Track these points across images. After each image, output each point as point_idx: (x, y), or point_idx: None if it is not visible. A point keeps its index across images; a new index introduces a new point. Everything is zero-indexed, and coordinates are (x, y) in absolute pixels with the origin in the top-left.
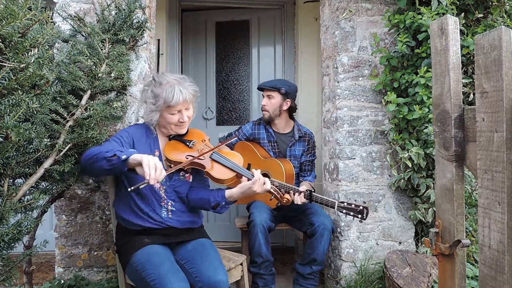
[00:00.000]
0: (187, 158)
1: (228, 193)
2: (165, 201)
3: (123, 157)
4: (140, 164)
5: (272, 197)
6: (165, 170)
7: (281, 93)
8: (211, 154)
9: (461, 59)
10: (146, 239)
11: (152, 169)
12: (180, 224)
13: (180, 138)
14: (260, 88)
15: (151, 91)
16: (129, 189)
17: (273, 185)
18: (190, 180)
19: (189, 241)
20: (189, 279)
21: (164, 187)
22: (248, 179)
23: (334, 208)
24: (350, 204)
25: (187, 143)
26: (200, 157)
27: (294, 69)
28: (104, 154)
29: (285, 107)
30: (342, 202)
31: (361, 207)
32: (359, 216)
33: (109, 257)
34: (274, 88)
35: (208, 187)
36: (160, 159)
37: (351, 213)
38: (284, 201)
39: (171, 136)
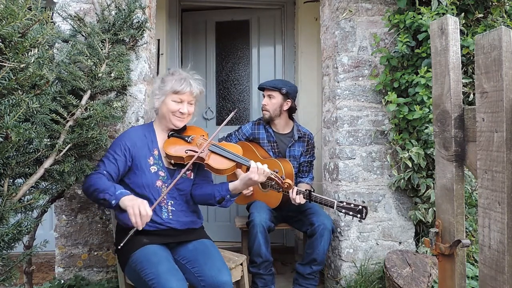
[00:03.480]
0: (186, 153)
1: (232, 185)
2: (165, 201)
3: (113, 202)
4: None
5: (273, 183)
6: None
7: (282, 93)
8: (210, 146)
9: (461, 59)
10: (145, 239)
11: (137, 216)
12: (180, 225)
13: (178, 134)
14: (261, 88)
15: (162, 79)
16: (119, 247)
17: (274, 171)
18: (192, 178)
19: (189, 241)
20: (191, 279)
21: (165, 184)
22: (248, 168)
23: (333, 208)
24: (349, 204)
25: (186, 138)
26: (200, 151)
27: (294, 69)
28: (98, 195)
29: (285, 107)
30: (341, 202)
31: (360, 207)
32: (358, 215)
33: (109, 257)
34: (275, 88)
35: (211, 182)
36: (160, 158)
37: (350, 213)
38: (286, 185)
39: (169, 133)
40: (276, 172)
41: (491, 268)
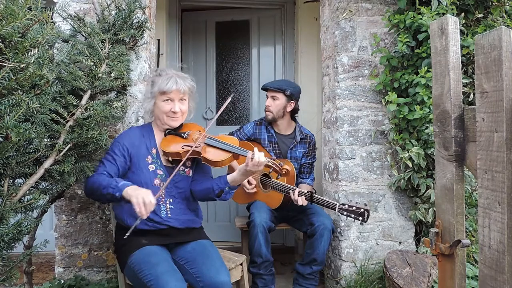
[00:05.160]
0: (183, 148)
1: (230, 177)
2: (163, 199)
3: (117, 194)
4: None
5: (271, 170)
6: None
7: (286, 95)
8: (206, 140)
9: (461, 59)
10: (143, 240)
11: (142, 206)
12: (180, 224)
13: (175, 132)
14: (264, 88)
15: (151, 80)
16: (125, 236)
17: (271, 159)
18: (190, 175)
19: (188, 242)
20: (189, 279)
21: (163, 183)
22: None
23: (335, 210)
24: (351, 206)
25: (182, 135)
26: (195, 145)
27: (294, 69)
28: (103, 191)
29: (288, 109)
30: (343, 204)
31: (362, 210)
32: (360, 218)
33: (109, 257)
34: (279, 90)
35: (211, 178)
36: (158, 156)
37: (352, 215)
38: (284, 172)
39: (166, 131)
40: (274, 160)
41: (491, 268)
